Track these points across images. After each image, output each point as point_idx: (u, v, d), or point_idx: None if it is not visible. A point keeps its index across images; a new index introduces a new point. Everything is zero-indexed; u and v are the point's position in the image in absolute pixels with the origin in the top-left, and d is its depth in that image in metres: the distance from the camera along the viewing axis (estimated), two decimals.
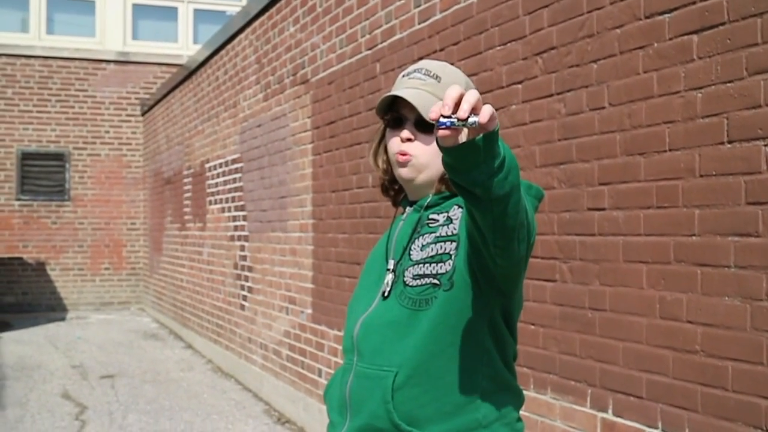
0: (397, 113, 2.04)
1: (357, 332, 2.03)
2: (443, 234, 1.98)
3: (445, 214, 2.02)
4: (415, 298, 1.95)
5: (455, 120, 1.50)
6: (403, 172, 2.04)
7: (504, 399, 1.99)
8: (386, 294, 2.02)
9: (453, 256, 1.95)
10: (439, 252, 1.96)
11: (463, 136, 1.56)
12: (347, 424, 2.01)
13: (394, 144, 2.04)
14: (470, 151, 1.56)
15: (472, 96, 1.51)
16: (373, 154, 2.17)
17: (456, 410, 1.92)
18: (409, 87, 2.02)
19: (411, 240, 2.03)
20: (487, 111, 1.51)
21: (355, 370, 2.01)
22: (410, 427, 1.91)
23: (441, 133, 1.53)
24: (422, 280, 1.96)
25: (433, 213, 2.04)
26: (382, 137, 2.15)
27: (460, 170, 1.60)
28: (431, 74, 2.03)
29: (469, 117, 1.49)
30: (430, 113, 1.53)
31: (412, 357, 1.93)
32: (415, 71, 2.05)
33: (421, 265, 1.97)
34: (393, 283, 2.02)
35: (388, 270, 2.04)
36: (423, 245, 2.00)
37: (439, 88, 2.01)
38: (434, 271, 1.95)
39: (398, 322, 1.96)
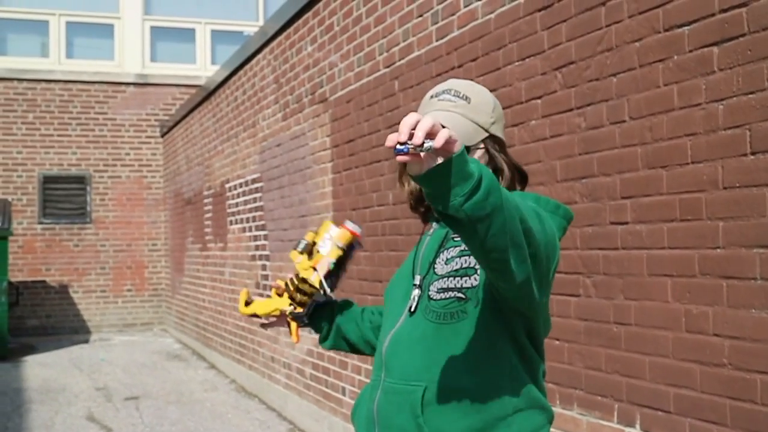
0: None
1: (385, 348, 2.04)
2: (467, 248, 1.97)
3: None
4: (440, 311, 1.96)
5: (410, 146, 1.52)
6: None
7: (534, 416, 1.98)
8: (413, 309, 2.02)
9: (478, 270, 1.95)
10: (464, 266, 1.96)
11: (431, 162, 1.55)
12: None
13: None
14: (438, 175, 1.55)
15: (426, 122, 1.50)
16: (399, 174, 2.17)
17: (486, 427, 1.92)
18: (440, 109, 2.01)
19: (437, 255, 2.04)
20: (441, 136, 1.50)
21: (383, 386, 2.02)
22: None
23: (398, 158, 1.53)
24: (446, 293, 1.96)
25: None
26: None
27: (436, 196, 1.58)
28: (461, 95, 2.04)
29: (424, 142, 1.50)
30: (387, 141, 1.53)
31: (441, 372, 1.93)
32: (444, 92, 2.05)
33: (446, 279, 1.97)
34: (419, 298, 2.02)
35: (415, 285, 2.04)
36: (447, 259, 2.01)
37: (469, 110, 2.02)
38: (459, 285, 1.95)
39: (425, 337, 1.97)
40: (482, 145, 2.04)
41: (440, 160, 1.54)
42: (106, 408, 8.45)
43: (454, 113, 2.00)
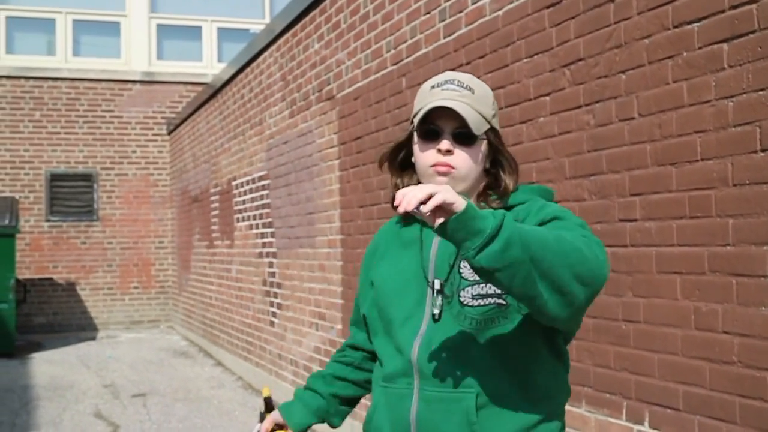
0: (432, 124, 2.01)
1: (416, 356, 1.97)
2: None
3: None
4: (478, 318, 1.93)
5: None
6: (443, 183, 1.95)
7: (563, 411, 2.05)
8: (437, 316, 1.97)
9: None
10: None
11: (436, 220, 1.71)
12: None
13: (430, 156, 2.00)
14: (446, 231, 1.70)
15: (421, 191, 1.67)
16: (389, 162, 2.16)
17: (534, 426, 1.95)
18: (446, 98, 1.99)
19: (458, 258, 1.97)
20: (432, 202, 1.66)
21: (421, 395, 1.96)
22: None
23: (398, 210, 1.72)
24: (485, 300, 1.93)
25: None
26: (399, 151, 2.13)
27: (456, 246, 1.73)
28: (464, 86, 2.02)
29: (418, 207, 1.68)
30: (395, 202, 1.71)
31: (489, 377, 1.93)
32: (447, 82, 2.03)
33: (482, 285, 1.94)
34: (443, 303, 1.97)
35: (436, 290, 1.98)
36: None
37: (474, 100, 2.00)
38: (498, 291, 1.92)
39: (465, 344, 1.94)
40: (485, 137, 2.03)
41: (441, 219, 1.69)
42: (114, 405, 8.47)
43: (461, 102, 1.98)
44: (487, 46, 4.62)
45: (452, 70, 4.95)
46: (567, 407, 3.95)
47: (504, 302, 1.93)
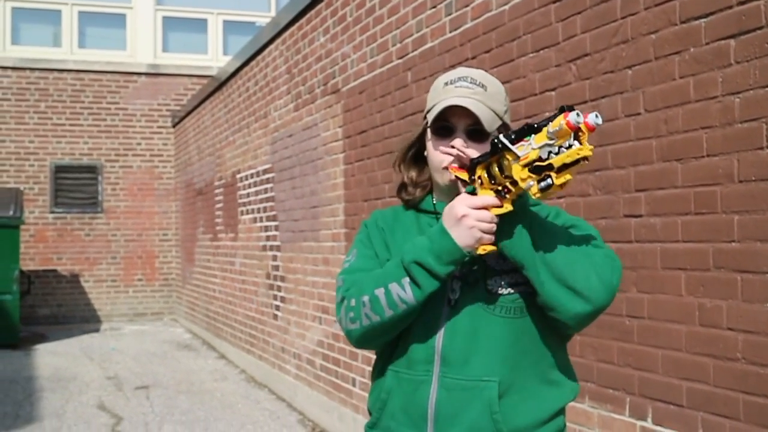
0: (446, 122, 2.02)
1: (441, 342, 1.97)
2: None
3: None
4: (509, 306, 1.96)
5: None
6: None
7: (569, 402, 2.08)
8: (453, 302, 1.98)
9: None
10: None
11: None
12: None
13: (443, 153, 2.03)
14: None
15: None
16: (402, 159, 2.18)
17: (549, 418, 1.98)
18: (459, 96, 2.00)
19: None
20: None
21: (442, 382, 1.96)
22: None
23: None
24: (518, 288, 1.96)
25: None
26: (413, 144, 2.14)
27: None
28: (477, 83, 2.03)
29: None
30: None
31: (511, 366, 1.95)
32: (460, 79, 2.04)
33: (513, 274, 1.96)
34: (463, 289, 1.98)
35: (455, 277, 1.98)
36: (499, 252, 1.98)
37: (487, 97, 2.01)
38: (526, 281, 1.94)
39: (491, 332, 1.95)
40: (497, 133, 2.03)
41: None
42: (117, 397, 8.48)
43: (474, 100, 1.99)
44: (493, 40, 4.61)
45: (459, 64, 4.94)
46: (569, 403, 3.96)
47: (532, 291, 1.94)
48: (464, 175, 1.93)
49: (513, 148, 1.76)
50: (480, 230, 1.85)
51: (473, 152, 1.95)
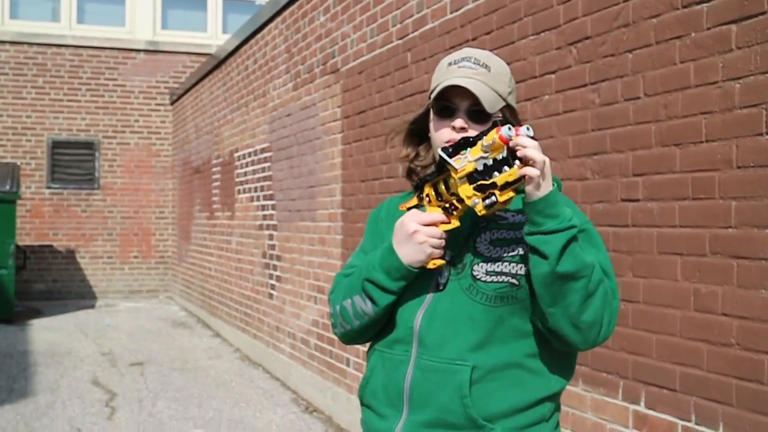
0: (447, 102, 2.02)
1: (419, 323, 1.99)
2: (520, 236, 1.95)
3: (515, 214, 2.00)
4: (491, 294, 1.95)
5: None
6: None
7: (558, 393, 2.06)
8: (442, 286, 2.00)
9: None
10: (521, 253, 1.96)
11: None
12: (405, 416, 1.99)
13: (445, 133, 2.02)
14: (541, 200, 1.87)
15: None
16: (404, 135, 2.16)
17: (528, 407, 1.97)
18: (461, 76, 1.99)
19: (473, 233, 2.01)
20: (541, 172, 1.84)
21: (418, 363, 1.98)
22: (485, 421, 1.93)
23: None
24: (500, 277, 1.96)
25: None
26: (415, 121, 2.14)
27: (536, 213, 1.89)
28: (481, 63, 2.02)
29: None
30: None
31: (489, 353, 1.95)
32: (463, 59, 2.03)
33: (499, 263, 1.96)
34: (451, 274, 2.00)
35: (445, 261, 2.00)
36: (493, 240, 1.99)
37: (490, 78, 2.01)
38: (514, 271, 1.96)
39: (471, 317, 1.96)
40: (500, 114, 2.02)
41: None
42: (111, 373, 8.50)
43: (476, 80, 1.98)
44: (494, 22, 4.59)
45: (459, 45, 4.92)
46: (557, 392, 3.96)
47: (517, 283, 1.95)
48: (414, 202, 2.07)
49: (451, 161, 1.88)
50: (430, 245, 1.94)
51: (472, 133, 1.95)
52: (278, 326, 8.52)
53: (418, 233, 1.94)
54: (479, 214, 1.86)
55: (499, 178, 1.82)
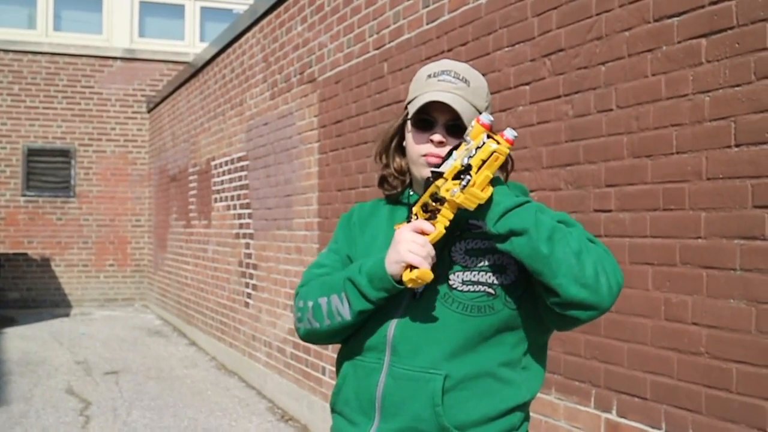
0: (427, 115, 2.02)
1: (393, 332, 1.99)
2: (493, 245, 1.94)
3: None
4: (467, 303, 1.95)
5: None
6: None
7: (527, 403, 2.06)
8: (418, 294, 1.99)
9: (510, 269, 1.97)
10: (497, 262, 1.97)
11: None
12: (376, 425, 1.99)
13: (422, 146, 2.01)
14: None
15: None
16: (385, 149, 2.14)
17: (499, 416, 1.97)
18: (441, 90, 2.00)
19: (449, 242, 2.00)
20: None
21: (390, 371, 1.98)
22: (456, 430, 1.93)
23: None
24: (476, 287, 1.96)
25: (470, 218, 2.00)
26: (395, 134, 2.13)
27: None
28: (460, 77, 2.03)
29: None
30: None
31: (462, 362, 1.95)
32: (443, 73, 2.04)
33: (475, 272, 1.97)
34: (427, 284, 1.98)
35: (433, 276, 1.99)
36: (468, 250, 1.99)
37: (469, 93, 2.01)
38: (490, 281, 1.96)
39: (445, 326, 1.96)
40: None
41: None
42: (86, 381, 8.46)
43: (455, 95, 1.99)
44: (470, 33, 4.64)
45: (435, 56, 4.96)
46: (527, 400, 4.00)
47: (493, 292, 1.96)
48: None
49: (438, 170, 1.90)
50: (408, 249, 1.89)
51: (448, 149, 1.97)
52: (254, 335, 8.51)
53: (405, 241, 1.92)
54: (458, 201, 1.84)
55: (472, 160, 1.83)
